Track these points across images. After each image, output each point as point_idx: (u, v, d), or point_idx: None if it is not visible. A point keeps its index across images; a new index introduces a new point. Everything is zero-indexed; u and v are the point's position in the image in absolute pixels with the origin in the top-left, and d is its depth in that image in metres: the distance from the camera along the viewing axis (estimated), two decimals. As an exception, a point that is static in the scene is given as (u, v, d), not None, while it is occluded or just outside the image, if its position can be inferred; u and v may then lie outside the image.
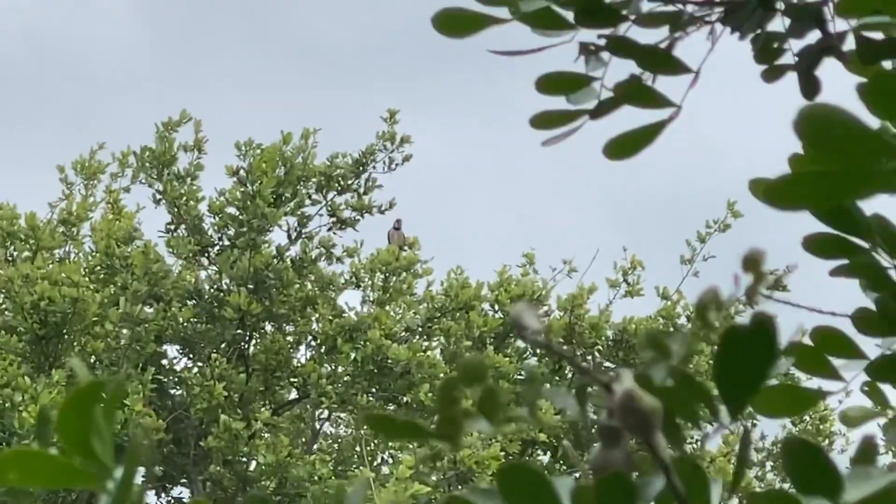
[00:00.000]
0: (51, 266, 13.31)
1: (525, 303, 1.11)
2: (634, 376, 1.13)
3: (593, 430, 14.00)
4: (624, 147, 1.42)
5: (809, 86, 1.79)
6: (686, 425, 1.17)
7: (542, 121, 1.41)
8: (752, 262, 1.12)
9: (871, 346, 1.56)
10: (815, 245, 1.49)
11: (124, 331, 12.70)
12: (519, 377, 13.29)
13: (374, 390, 12.96)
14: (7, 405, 11.52)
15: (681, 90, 1.75)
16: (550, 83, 1.74)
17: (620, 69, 1.76)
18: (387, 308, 13.47)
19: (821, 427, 15.02)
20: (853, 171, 1.12)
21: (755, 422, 14.71)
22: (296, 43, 25.45)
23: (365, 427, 13.25)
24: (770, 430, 15.18)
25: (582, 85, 1.76)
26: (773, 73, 1.82)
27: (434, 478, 11.67)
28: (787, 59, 1.84)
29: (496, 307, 13.89)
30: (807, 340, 1.54)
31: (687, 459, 1.16)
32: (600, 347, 13.80)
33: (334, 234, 13.78)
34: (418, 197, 22.97)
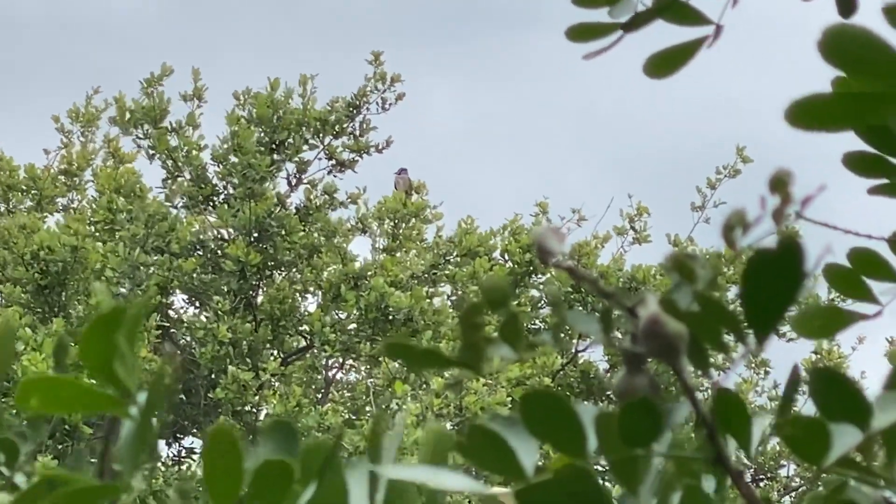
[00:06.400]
0: (55, 215, 13.31)
1: (548, 226, 1.08)
2: (659, 301, 1.11)
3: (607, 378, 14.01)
4: (663, 64, 1.39)
5: (846, 4, 1.74)
6: (711, 351, 1.15)
7: (578, 32, 1.38)
8: (779, 182, 1.09)
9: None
10: (855, 162, 1.46)
11: (126, 280, 12.70)
12: (533, 326, 13.30)
13: (378, 338, 12.97)
14: (9, 354, 11.51)
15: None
16: (587, -6, 1.69)
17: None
18: (396, 255, 13.48)
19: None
20: (883, 93, 1.10)
21: (768, 369, 14.74)
22: (309, 3, 25.34)
23: (375, 375, 13.28)
24: (784, 377, 15.13)
25: (619, -1, 1.70)
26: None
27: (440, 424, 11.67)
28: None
29: (506, 256, 13.89)
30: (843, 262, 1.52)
31: (730, 395, 1.14)
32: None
33: (335, 177, 13.82)
34: (431, 153, 22.94)
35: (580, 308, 13.07)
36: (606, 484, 1.19)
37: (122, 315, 1.08)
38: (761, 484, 13.86)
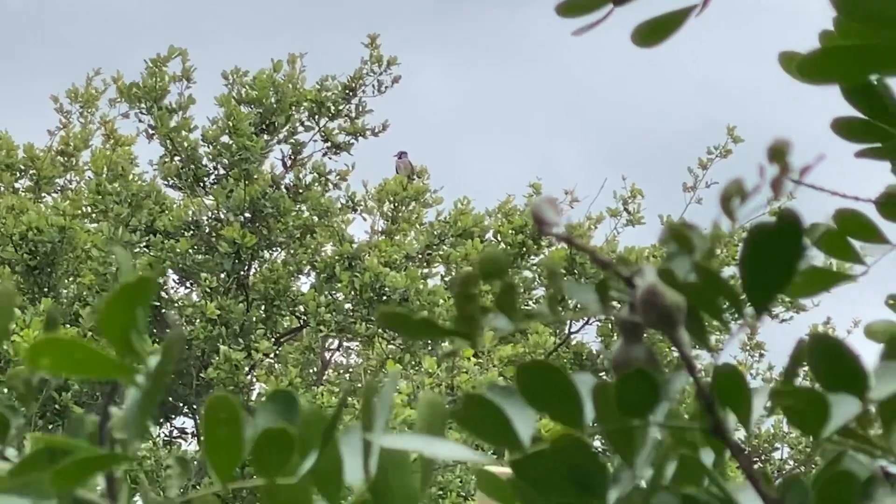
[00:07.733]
0: (51, 196, 13.28)
1: (545, 197, 1.08)
2: (657, 271, 1.10)
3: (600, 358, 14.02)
4: (652, 33, 1.38)
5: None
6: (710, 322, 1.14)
7: (569, 7, 1.37)
8: (777, 151, 1.09)
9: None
10: (843, 127, 1.47)
11: (113, 257, 12.68)
12: (526, 307, 13.30)
13: (372, 318, 12.95)
14: (0, 333, 11.50)
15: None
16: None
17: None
18: (396, 238, 13.47)
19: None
20: (884, 44, 1.10)
21: (763, 352, 14.74)
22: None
23: (370, 357, 13.27)
24: (778, 360, 15.20)
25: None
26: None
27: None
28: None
29: (498, 238, 13.88)
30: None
31: (729, 369, 1.13)
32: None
33: (329, 158, 13.80)
34: (424, 134, 22.91)
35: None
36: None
37: (146, 285, 1.08)
38: (755, 466, 13.90)
